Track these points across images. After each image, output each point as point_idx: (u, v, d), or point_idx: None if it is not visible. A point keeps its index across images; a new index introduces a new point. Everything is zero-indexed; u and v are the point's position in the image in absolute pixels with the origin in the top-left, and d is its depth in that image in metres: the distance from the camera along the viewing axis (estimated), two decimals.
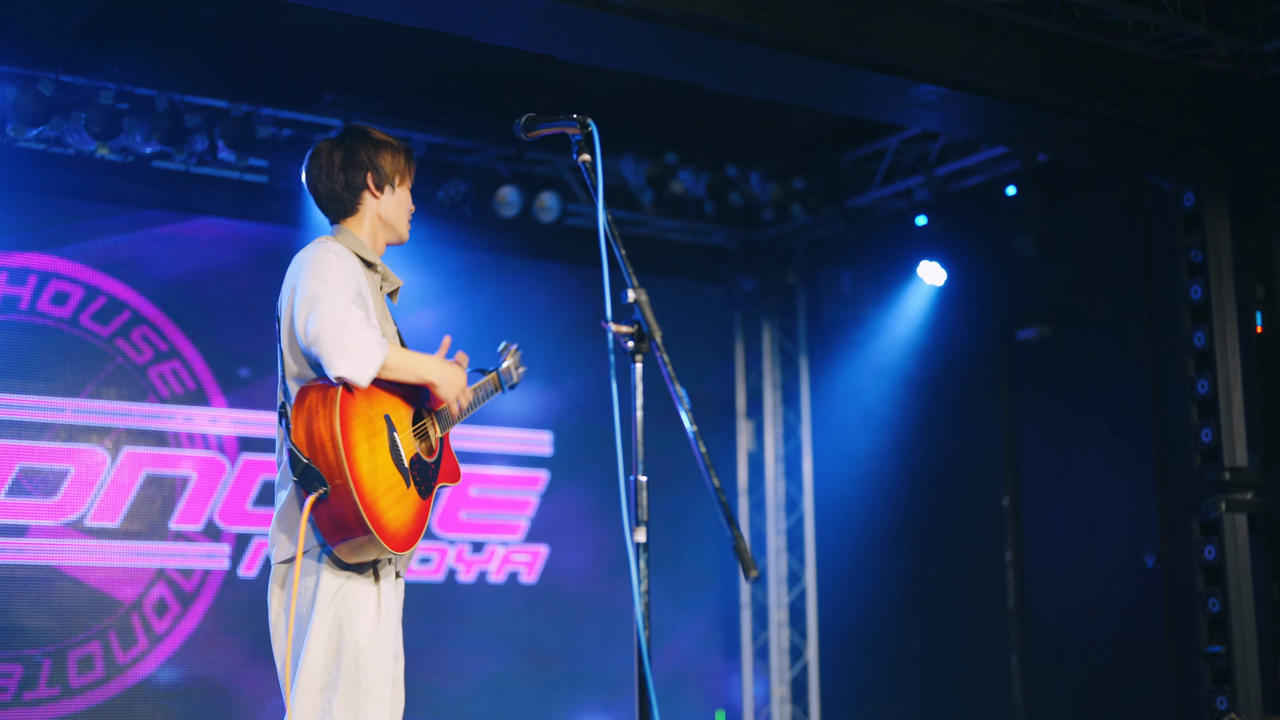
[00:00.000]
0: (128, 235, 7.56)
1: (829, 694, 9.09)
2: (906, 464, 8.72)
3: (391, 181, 3.69)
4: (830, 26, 5.77)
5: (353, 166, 3.65)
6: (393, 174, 3.69)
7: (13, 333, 7.16)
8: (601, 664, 8.53)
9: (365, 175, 3.64)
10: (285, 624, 3.45)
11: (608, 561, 8.57)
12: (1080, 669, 7.69)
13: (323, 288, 3.37)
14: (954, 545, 8.44)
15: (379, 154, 3.68)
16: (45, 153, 7.14)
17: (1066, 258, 7.96)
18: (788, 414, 9.57)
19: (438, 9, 5.48)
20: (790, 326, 9.65)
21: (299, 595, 3.43)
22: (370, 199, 3.66)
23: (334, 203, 3.67)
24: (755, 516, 9.54)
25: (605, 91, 7.38)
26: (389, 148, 3.71)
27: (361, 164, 3.65)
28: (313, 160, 3.67)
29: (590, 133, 3.15)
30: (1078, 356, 7.96)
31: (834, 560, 9.16)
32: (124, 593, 7.27)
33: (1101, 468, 7.72)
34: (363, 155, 3.65)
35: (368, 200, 3.66)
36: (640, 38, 5.61)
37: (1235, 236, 6.76)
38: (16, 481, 7.06)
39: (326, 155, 3.65)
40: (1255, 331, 6.76)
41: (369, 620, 3.41)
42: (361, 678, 3.37)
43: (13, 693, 6.90)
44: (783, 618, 9.33)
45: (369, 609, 3.42)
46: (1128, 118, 6.62)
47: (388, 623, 3.46)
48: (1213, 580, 6.60)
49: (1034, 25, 6.14)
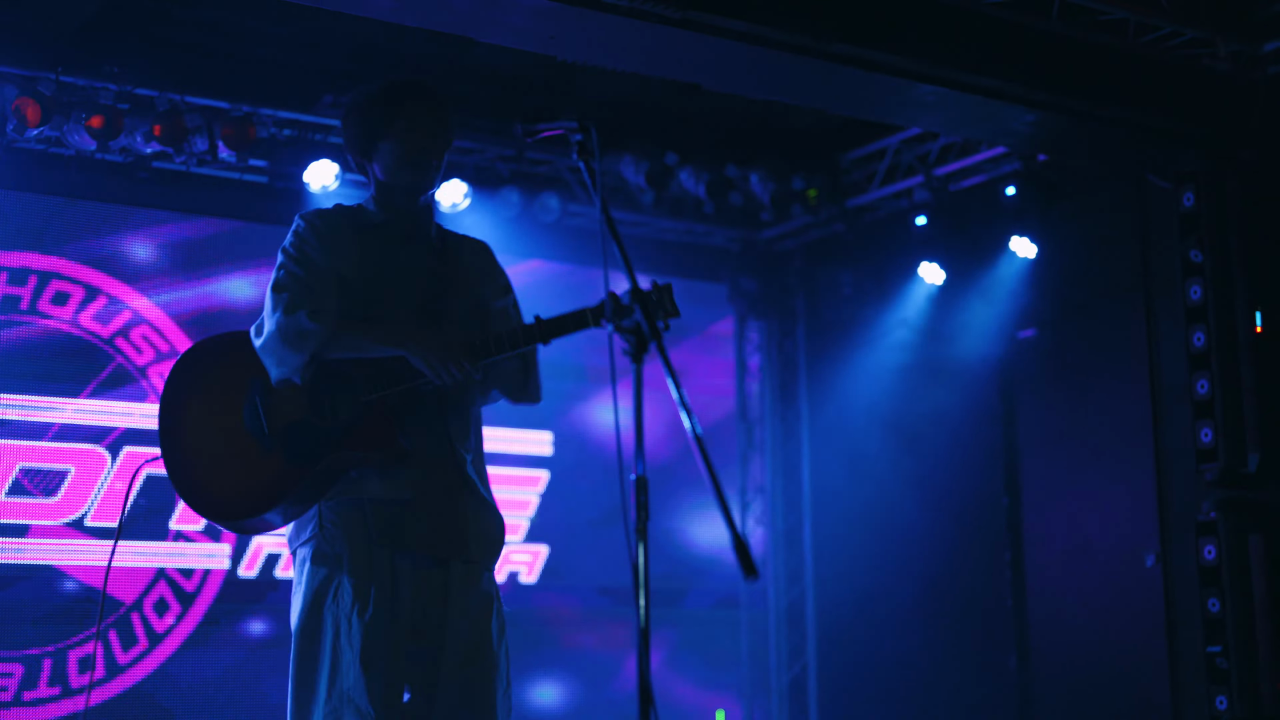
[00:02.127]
0: (128, 235, 7.56)
1: (828, 694, 9.09)
2: (906, 464, 8.72)
3: (376, 138, 3.58)
4: (830, 26, 5.78)
5: (348, 146, 3.66)
6: (373, 133, 3.58)
7: (13, 333, 7.16)
8: (601, 663, 8.53)
9: (355, 150, 3.63)
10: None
11: (608, 562, 8.57)
12: (1080, 669, 7.68)
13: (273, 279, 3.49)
14: (954, 545, 8.44)
15: (351, 121, 3.62)
16: (45, 153, 7.14)
17: (1066, 258, 7.96)
18: (788, 414, 9.57)
19: (438, 9, 5.48)
20: (790, 326, 9.64)
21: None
22: (371, 167, 3.63)
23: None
24: (755, 516, 9.53)
25: (605, 91, 7.38)
26: (360, 107, 3.60)
27: (349, 140, 3.64)
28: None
29: (590, 133, 3.15)
30: (1078, 356, 7.96)
31: (834, 560, 9.15)
32: (124, 592, 7.27)
33: (1101, 467, 7.72)
34: (348, 130, 3.64)
35: (371, 169, 3.62)
36: (640, 38, 5.61)
37: (1235, 236, 6.76)
38: (16, 481, 7.06)
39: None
40: (1255, 331, 6.75)
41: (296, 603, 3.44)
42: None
43: (13, 692, 6.90)
44: (782, 617, 9.32)
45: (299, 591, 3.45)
46: (1128, 118, 6.62)
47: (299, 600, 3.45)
48: (1212, 580, 6.60)
49: (1034, 25, 6.14)
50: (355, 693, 3.27)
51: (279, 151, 7.49)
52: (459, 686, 3.42)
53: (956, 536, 8.43)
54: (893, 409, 8.84)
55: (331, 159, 7.53)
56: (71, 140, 6.95)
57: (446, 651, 3.42)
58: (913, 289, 8.71)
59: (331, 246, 3.50)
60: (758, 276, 9.42)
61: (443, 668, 3.41)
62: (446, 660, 3.42)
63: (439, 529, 3.47)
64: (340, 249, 3.51)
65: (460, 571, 3.50)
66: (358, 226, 3.58)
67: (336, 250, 3.50)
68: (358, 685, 3.27)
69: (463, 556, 3.51)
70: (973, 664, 8.30)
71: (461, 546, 3.50)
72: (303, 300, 3.41)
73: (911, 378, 8.76)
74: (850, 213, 8.90)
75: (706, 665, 9.14)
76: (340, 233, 3.54)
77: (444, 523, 3.49)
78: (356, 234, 3.56)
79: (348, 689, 3.28)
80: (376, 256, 3.54)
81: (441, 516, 3.49)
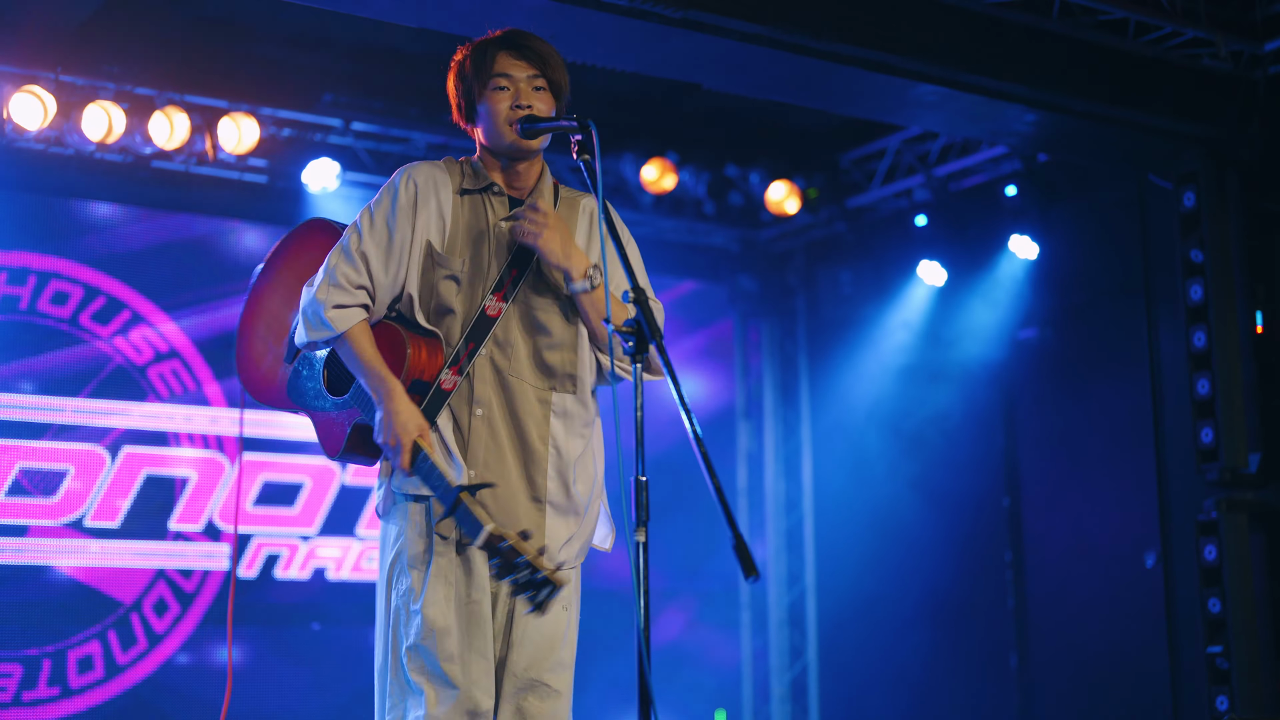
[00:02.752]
0: (128, 235, 7.56)
1: (829, 694, 9.09)
2: (906, 464, 8.72)
3: (473, 99, 3.34)
4: (830, 26, 5.78)
5: (452, 106, 3.43)
6: (470, 91, 3.35)
7: (13, 333, 7.16)
8: (601, 664, 8.53)
9: (453, 111, 3.42)
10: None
11: (608, 562, 8.55)
12: (1080, 669, 7.68)
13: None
14: (954, 545, 8.44)
15: (454, 79, 3.39)
16: (45, 152, 7.14)
17: (1066, 258, 7.96)
18: (788, 414, 9.57)
19: (438, 9, 5.48)
20: (790, 326, 9.64)
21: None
22: (473, 132, 3.39)
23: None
24: (755, 516, 9.53)
25: (605, 91, 7.38)
26: (462, 61, 3.37)
27: (451, 102, 3.41)
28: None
29: (590, 132, 3.14)
30: (1078, 356, 7.96)
31: (834, 560, 9.15)
32: (124, 593, 7.27)
33: (1101, 468, 7.72)
34: (450, 90, 3.40)
35: (473, 135, 3.40)
36: (640, 38, 5.61)
37: (1235, 236, 6.76)
38: (16, 481, 7.06)
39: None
40: (1255, 331, 6.75)
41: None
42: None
43: (12, 693, 6.90)
44: (782, 618, 9.32)
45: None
46: (1128, 118, 6.62)
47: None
48: (1213, 580, 6.60)
49: (1034, 25, 6.14)
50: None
51: (279, 151, 7.49)
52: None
53: (957, 536, 8.43)
54: (893, 409, 8.83)
55: (332, 158, 7.53)
56: (71, 140, 6.95)
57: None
58: (913, 289, 8.71)
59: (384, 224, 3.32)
60: (758, 276, 9.42)
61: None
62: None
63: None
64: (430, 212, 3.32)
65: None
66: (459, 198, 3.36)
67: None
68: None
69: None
70: (973, 664, 8.30)
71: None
72: (342, 282, 3.25)
73: (912, 378, 8.76)
74: (850, 212, 8.90)
75: (707, 665, 9.14)
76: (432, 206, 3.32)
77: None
78: (454, 208, 3.34)
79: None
80: (464, 224, 3.34)
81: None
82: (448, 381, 3.23)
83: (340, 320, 3.25)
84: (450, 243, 3.28)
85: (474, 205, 3.32)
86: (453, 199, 3.31)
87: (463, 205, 3.31)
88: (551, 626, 3.26)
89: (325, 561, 7.80)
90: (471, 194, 3.32)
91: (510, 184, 3.35)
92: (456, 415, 3.24)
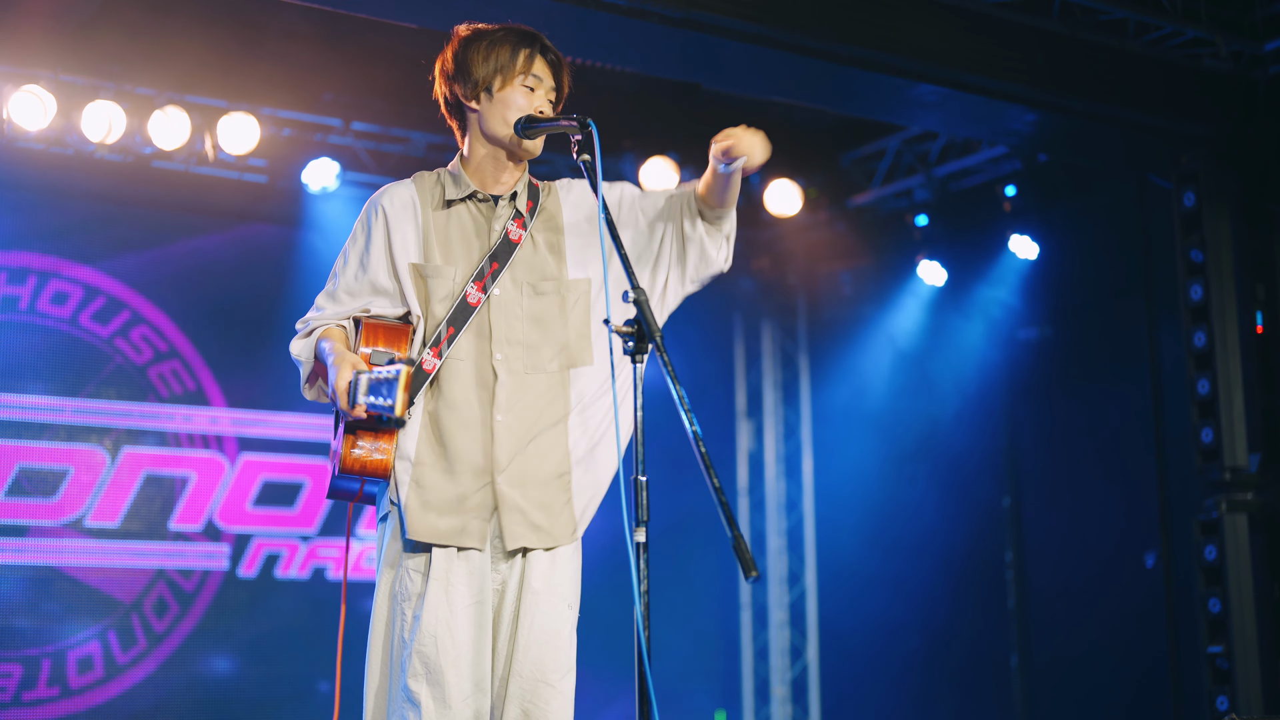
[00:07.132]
0: (128, 235, 7.56)
1: (829, 694, 9.09)
2: (906, 464, 8.72)
3: (489, 85, 3.28)
4: (830, 26, 5.78)
5: (446, 76, 3.33)
6: (491, 74, 3.27)
7: (13, 333, 7.16)
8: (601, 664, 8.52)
9: (454, 86, 3.31)
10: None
11: (608, 562, 8.55)
12: (1080, 669, 7.68)
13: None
14: (954, 545, 8.44)
15: (469, 54, 3.29)
16: (45, 152, 7.14)
17: (1066, 258, 7.96)
18: (788, 414, 9.57)
19: (438, 9, 5.48)
20: (790, 326, 9.64)
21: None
22: (470, 112, 3.31)
23: (451, 119, 3.35)
24: (755, 516, 9.53)
25: (605, 91, 7.38)
26: (484, 41, 3.30)
27: (450, 72, 3.31)
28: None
29: (590, 132, 3.13)
30: (1078, 356, 7.96)
31: (834, 560, 9.15)
32: (124, 593, 7.27)
33: (1101, 467, 7.72)
34: (453, 59, 3.31)
35: (469, 115, 3.32)
36: (640, 38, 5.61)
37: (1235, 236, 6.76)
38: (16, 481, 7.06)
39: (438, 66, 3.33)
40: (1255, 331, 6.76)
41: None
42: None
43: (12, 693, 6.90)
44: (783, 618, 9.32)
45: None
46: (1128, 118, 6.62)
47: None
48: (1213, 580, 6.60)
49: (1034, 25, 6.15)
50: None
51: (279, 151, 7.49)
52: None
53: (958, 536, 8.43)
54: (893, 408, 8.84)
55: (332, 158, 7.53)
56: (71, 140, 6.95)
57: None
58: (913, 289, 8.71)
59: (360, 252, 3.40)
60: (758, 276, 9.42)
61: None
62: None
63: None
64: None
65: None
66: (437, 209, 3.37)
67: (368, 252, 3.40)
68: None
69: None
70: (974, 663, 8.30)
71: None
72: (322, 307, 3.33)
73: (912, 378, 8.76)
74: (850, 212, 8.90)
75: (707, 665, 9.14)
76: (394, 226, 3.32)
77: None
78: (438, 221, 3.35)
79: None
80: (456, 239, 3.35)
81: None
82: (428, 362, 3.22)
83: (311, 322, 3.30)
84: (431, 250, 3.28)
85: (457, 213, 3.32)
86: (427, 215, 3.30)
87: (445, 216, 3.31)
88: (555, 627, 3.25)
89: (325, 561, 7.80)
90: (455, 203, 3.32)
91: (498, 179, 3.35)
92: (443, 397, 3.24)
